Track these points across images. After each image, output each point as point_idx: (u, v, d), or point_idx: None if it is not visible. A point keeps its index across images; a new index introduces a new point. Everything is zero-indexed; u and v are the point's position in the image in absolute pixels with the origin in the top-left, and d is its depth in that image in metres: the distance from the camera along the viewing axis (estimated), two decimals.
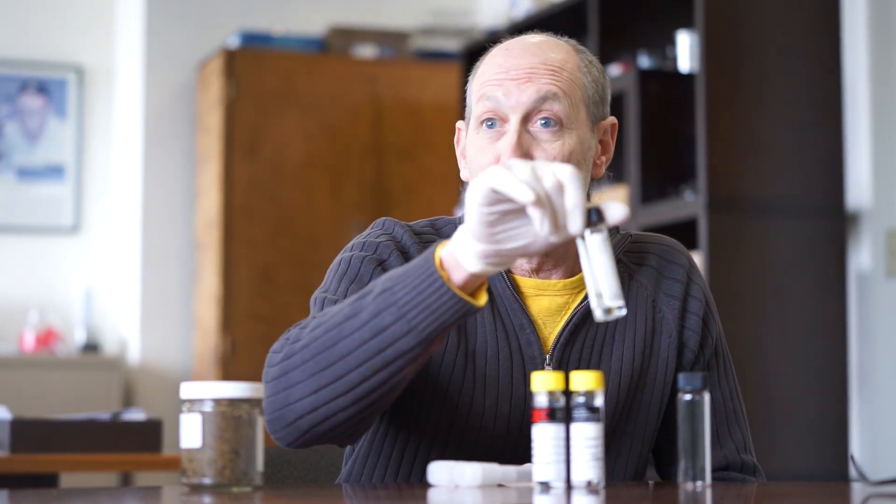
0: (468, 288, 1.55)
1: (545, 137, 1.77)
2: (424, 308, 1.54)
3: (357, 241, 1.83)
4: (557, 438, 1.51)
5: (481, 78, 1.82)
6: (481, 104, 1.79)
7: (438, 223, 1.88)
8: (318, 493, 1.60)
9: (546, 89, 1.77)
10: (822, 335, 4.06)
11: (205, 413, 1.50)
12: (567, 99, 1.78)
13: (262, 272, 5.54)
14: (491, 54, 1.84)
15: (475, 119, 1.81)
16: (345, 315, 1.59)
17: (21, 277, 5.96)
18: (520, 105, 1.77)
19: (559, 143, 1.77)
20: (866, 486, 1.64)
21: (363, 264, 1.78)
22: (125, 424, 3.31)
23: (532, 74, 1.78)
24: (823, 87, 4.15)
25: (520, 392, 1.77)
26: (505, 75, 1.78)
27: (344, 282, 1.78)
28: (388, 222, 1.85)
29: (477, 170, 1.79)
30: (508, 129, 1.77)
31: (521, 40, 1.84)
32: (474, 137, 1.81)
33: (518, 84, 1.77)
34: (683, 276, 1.89)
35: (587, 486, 1.51)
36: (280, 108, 5.67)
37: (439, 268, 1.54)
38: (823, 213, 4.10)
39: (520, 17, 5.13)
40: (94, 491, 1.76)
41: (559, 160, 1.76)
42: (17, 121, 6.01)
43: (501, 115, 1.78)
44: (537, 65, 1.79)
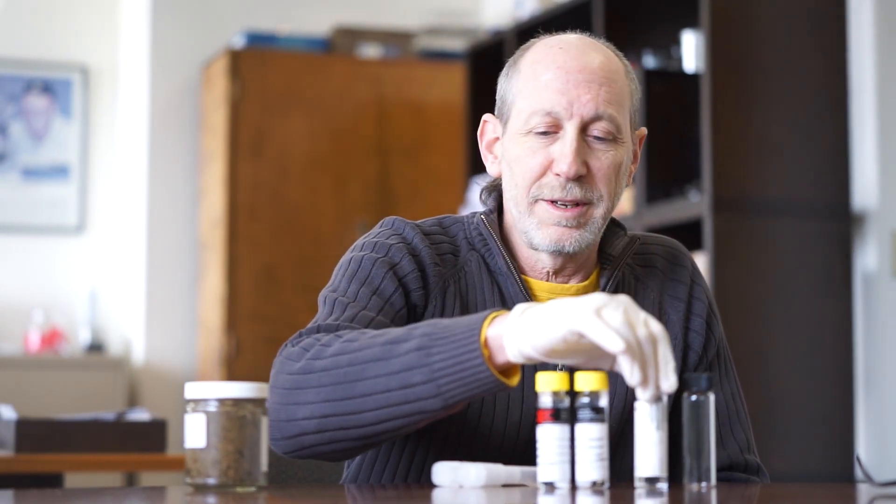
0: (506, 368, 1.54)
1: (600, 148, 1.77)
2: (458, 379, 1.53)
3: (368, 241, 1.81)
4: (562, 439, 1.51)
5: (532, 80, 1.78)
6: (537, 114, 1.76)
7: (446, 222, 1.87)
8: (322, 493, 1.59)
9: (606, 102, 1.76)
10: (827, 336, 4.05)
11: (209, 413, 1.50)
12: (621, 111, 1.78)
13: (266, 272, 5.54)
14: (542, 54, 1.80)
15: (524, 126, 1.78)
16: (374, 355, 1.57)
17: (26, 277, 5.96)
18: (579, 116, 1.75)
19: (612, 153, 1.77)
20: (872, 487, 1.64)
21: (374, 267, 1.76)
22: (130, 424, 3.31)
23: (591, 84, 1.76)
24: (829, 87, 4.14)
25: (531, 397, 1.76)
26: (564, 83, 1.76)
27: (354, 283, 1.75)
28: (397, 222, 1.83)
29: (525, 173, 1.77)
30: (565, 136, 1.76)
31: (571, 43, 1.80)
32: (521, 139, 1.78)
33: (579, 94, 1.75)
34: (687, 278, 1.89)
35: (592, 487, 1.51)
36: (284, 108, 5.67)
37: (483, 346, 1.52)
38: (829, 214, 4.10)
39: (525, 17, 5.12)
40: (99, 491, 1.76)
41: (610, 172, 1.77)
42: (21, 121, 6.02)
43: (558, 123, 1.76)
44: (596, 70, 1.77)
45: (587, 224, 1.78)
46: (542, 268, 1.82)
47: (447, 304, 1.78)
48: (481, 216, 1.84)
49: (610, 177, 1.77)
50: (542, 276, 1.83)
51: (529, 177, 1.77)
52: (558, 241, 1.77)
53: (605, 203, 1.78)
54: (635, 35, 4.63)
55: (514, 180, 1.80)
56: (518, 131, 1.79)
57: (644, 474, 1.52)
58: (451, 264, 1.81)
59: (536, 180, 1.77)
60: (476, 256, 1.82)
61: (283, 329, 5.35)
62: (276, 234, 5.60)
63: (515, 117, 1.80)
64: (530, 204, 1.78)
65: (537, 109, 1.76)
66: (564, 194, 1.76)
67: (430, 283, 1.78)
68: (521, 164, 1.78)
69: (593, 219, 1.78)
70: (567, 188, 1.76)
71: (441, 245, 1.82)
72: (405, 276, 1.76)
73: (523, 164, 1.78)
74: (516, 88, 1.81)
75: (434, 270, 1.79)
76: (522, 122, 1.78)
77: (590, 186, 1.76)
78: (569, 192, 1.76)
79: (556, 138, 1.76)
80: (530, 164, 1.77)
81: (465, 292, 1.80)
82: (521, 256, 1.84)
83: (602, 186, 1.77)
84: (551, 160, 1.76)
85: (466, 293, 1.80)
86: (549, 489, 1.51)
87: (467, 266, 1.81)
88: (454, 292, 1.78)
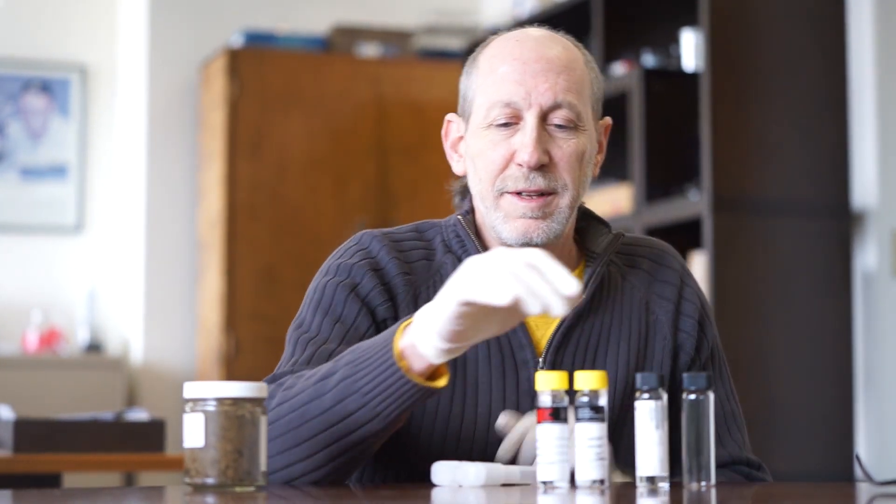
0: (429, 372, 1.56)
1: (562, 136, 1.77)
2: (387, 397, 1.56)
3: (332, 264, 1.83)
4: (561, 438, 1.50)
5: (490, 74, 1.79)
6: (496, 106, 1.77)
7: (422, 227, 1.88)
8: (321, 493, 1.59)
9: (564, 90, 1.76)
10: (827, 335, 4.05)
11: (208, 413, 1.49)
12: (580, 99, 1.78)
13: (265, 271, 5.54)
14: (499, 48, 1.81)
15: (484, 119, 1.79)
16: (310, 396, 1.60)
17: (24, 277, 5.96)
18: (537, 105, 1.76)
19: (574, 141, 1.77)
20: (872, 486, 1.64)
21: (336, 293, 1.78)
22: (128, 424, 3.31)
23: (548, 73, 1.76)
24: (829, 86, 4.14)
25: (513, 397, 1.76)
26: (521, 74, 1.77)
27: (318, 314, 1.78)
28: (364, 237, 1.84)
29: (488, 166, 1.78)
30: (525, 126, 1.76)
31: (527, 35, 1.82)
32: (483, 133, 1.79)
33: (537, 83, 1.76)
34: (676, 279, 1.89)
35: (591, 486, 1.50)
36: (283, 108, 5.67)
37: (398, 358, 1.55)
38: (829, 213, 4.10)
39: (524, 15, 5.12)
40: (98, 491, 1.76)
41: (572, 159, 1.77)
42: (20, 120, 6.01)
43: (517, 114, 1.77)
44: (553, 59, 1.77)
45: (553, 214, 1.78)
46: None
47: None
48: (458, 217, 1.85)
49: (573, 165, 1.77)
50: None
51: (492, 169, 1.78)
52: (525, 233, 1.77)
53: (570, 192, 1.78)
54: (635, 34, 4.62)
55: (478, 175, 1.80)
56: (479, 125, 1.80)
57: (645, 473, 1.52)
58: (423, 270, 1.82)
59: (500, 173, 1.78)
60: (452, 259, 1.82)
61: (282, 328, 5.33)
62: (275, 233, 5.60)
63: (476, 112, 1.80)
64: (496, 198, 1.78)
65: (496, 101, 1.77)
66: (528, 184, 1.76)
67: (397, 294, 1.79)
68: (483, 157, 1.79)
69: (559, 209, 1.78)
70: (530, 178, 1.76)
71: (413, 252, 1.83)
72: (368, 295, 1.78)
73: (486, 158, 1.78)
74: (476, 84, 1.82)
75: (402, 280, 1.79)
76: (483, 115, 1.79)
77: (553, 175, 1.77)
78: (532, 182, 1.76)
79: (516, 129, 1.77)
80: (492, 156, 1.78)
81: None
82: None
83: (566, 175, 1.77)
84: (513, 151, 1.77)
85: None
86: (548, 488, 1.51)
87: (443, 269, 1.81)
88: (427, 298, 1.77)
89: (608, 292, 1.84)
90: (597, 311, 1.82)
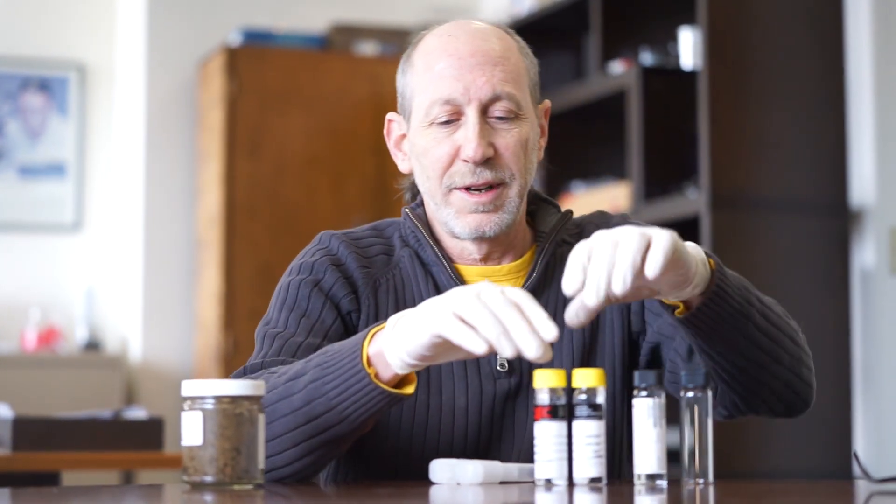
0: (396, 380, 1.57)
1: (504, 127, 1.79)
2: (354, 402, 1.57)
3: (295, 264, 1.86)
4: (559, 436, 1.50)
5: (426, 72, 1.81)
6: (436, 104, 1.78)
7: (381, 225, 1.91)
8: (318, 490, 1.59)
9: (502, 81, 1.78)
10: (825, 333, 4.05)
11: (206, 411, 1.50)
12: (518, 88, 1.79)
13: (263, 270, 5.54)
14: (432, 45, 1.83)
15: (426, 117, 1.80)
16: (279, 395, 1.62)
17: (22, 276, 5.96)
18: (477, 99, 1.77)
19: (516, 130, 1.79)
20: (870, 484, 1.64)
21: (300, 289, 1.82)
22: (127, 423, 3.31)
23: (484, 66, 1.78)
24: (827, 83, 4.14)
25: (475, 383, 1.78)
26: (458, 69, 1.78)
27: (284, 310, 1.82)
28: (324, 236, 1.87)
29: (434, 164, 1.80)
30: (467, 121, 1.78)
31: (460, 29, 1.84)
32: (425, 132, 1.80)
33: (474, 77, 1.77)
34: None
35: (589, 484, 1.51)
36: (281, 106, 5.67)
37: (366, 365, 1.56)
38: (827, 211, 4.10)
39: (522, 13, 5.12)
40: (96, 489, 1.76)
41: (517, 148, 1.78)
42: (18, 119, 6.01)
43: (458, 110, 1.78)
44: (487, 51, 1.79)
45: (504, 206, 1.79)
46: (469, 255, 1.85)
47: (381, 301, 1.82)
48: (406, 211, 1.88)
49: (518, 154, 1.79)
50: (472, 262, 1.85)
51: (439, 167, 1.80)
52: (478, 227, 1.79)
53: (517, 181, 1.80)
54: (633, 32, 4.62)
55: (425, 173, 1.82)
56: (421, 124, 1.81)
57: (643, 471, 1.52)
58: (382, 264, 1.85)
59: (446, 169, 1.79)
60: (409, 252, 1.85)
61: None
62: (273, 232, 5.60)
63: (417, 111, 1.82)
64: (445, 194, 1.80)
65: (436, 99, 1.78)
66: (476, 178, 1.78)
67: (358, 286, 1.82)
68: (428, 156, 1.80)
69: (509, 199, 1.80)
70: (477, 172, 1.78)
71: (371, 248, 1.86)
72: (331, 289, 1.81)
73: (431, 156, 1.80)
74: (413, 82, 1.84)
75: (361, 273, 1.82)
76: (423, 114, 1.80)
77: (500, 166, 1.78)
78: (480, 176, 1.78)
79: (458, 125, 1.78)
80: (437, 154, 1.79)
81: (399, 287, 1.83)
82: (448, 246, 1.86)
83: (512, 165, 1.79)
84: (458, 147, 1.78)
85: (402, 288, 1.83)
86: (546, 486, 1.51)
87: (401, 262, 1.85)
88: (387, 289, 1.82)
89: (559, 271, 1.83)
90: (549, 289, 1.84)
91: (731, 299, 1.65)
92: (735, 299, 1.65)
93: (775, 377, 1.72)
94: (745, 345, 1.68)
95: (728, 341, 1.66)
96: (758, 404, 1.75)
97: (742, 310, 1.66)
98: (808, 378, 1.76)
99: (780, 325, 1.72)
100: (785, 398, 1.74)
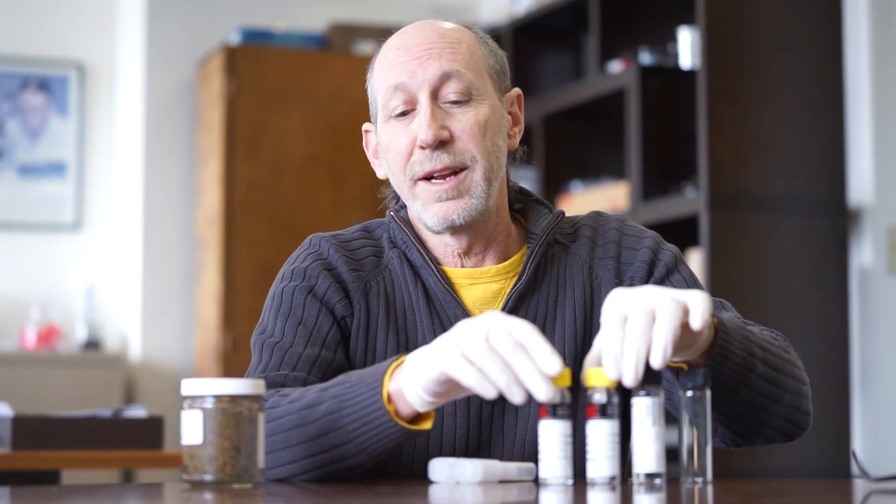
0: (415, 415, 1.57)
1: (458, 110, 1.78)
2: (373, 436, 1.57)
3: (287, 270, 1.85)
4: (562, 435, 1.51)
5: (381, 68, 1.82)
6: (389, 93, 1.79)
7: (371, 226, 1.90)
8: (319, 489, 1.60)
9: (450, 63, 1.78)
10: (823, 332, 4.06)
11: (206, 409, 1.50)
12: (471, 70, 1.79)
13: (263, 269, 5.54)
14: (385, 47, 1.84)
15: (384, 112, 1.81)
16: (292, 422, 1.62)
17: (22, 275, 5.96)
18: (426, 82, 1.77)
19: (472, 112, 1.78)
20: (868, 482, 1.64)
21: (295, 296, 1.81)
22: (126, 421, 3.31)
23: (431, 50, 1.79)
24: (825, 83, 4.14)
25: None
26: (406, 56, 1.79)
27: (280, 318, 1.81)
28: (314, 240, 1.87)
29: (396, 157, 1.80)
30: (419, 108, 1.77)
31: (413, 25, 1.85)
32: (386, 128, 1.81)
33: (421, 62, 1.78)
34: (615, 235, 1.87)
35: (609, 483, 1.50)
36: (281, 105, 5.67)
37: (387, 401, 1.56)
38: (825, 210, 4.10)
39: (521, 13, 5.12)
40: (96, 488, 1.76)
41: (474, 130, 1.77)
42: (18, 118, 6.01)
43: (412, 98, 1.78)
44: (435, 39, 1.80)
45: (469, 190, 1.78)
46: (451, 252, 1.83)
47: (371, 305, 1.81)
48: (391, 213, 1.87)
49: (476, 136, 1.77)
50: (456, 261, 1.84)
51: (400, 159, 1.79)
52: (446, 216, 1.78)
53: (480, 164, 1.78)
54: (631, 31, 4.63)
55: (391, 169, 1.83)
56: (383, 122, 1.82)
57: (642, 470, 1.52)
58: (372, 266, 1.84)
59: (407, 160, 1.79)
60: (397, 253, 1.85)
61: None
62: (272, 231, 5.60)
63: (380, 111, 1.83)
64: (410, 187, 1.80)
65: (387, 87, 1.79)
66: (434, 164, 1.77)
67: (350, 290, 1.81)
68: (390, 150, 1.81)
69: (475, 183, 1.78)
70: (434, 157, 1.77)
71: (362, 250, 1.85)
72: (325, 294, 1.80)
73: (392, 150, 1.80)
74: (374, 83, 1.85)
75: (352, 276, 1.82)
76: (381, 109, 1.81)
77: (457, 150, 1.77)
78: (437, 161, 1.77)
79: (415, 115, 1.78)
80: (397, 146, 1.79)
81: (389, 290, 1.82)
82: (432, 246, 1.85)
83: (471, 146, 1.77)
84: (414, 136, 1.78)
85: (393, 290, 1.82)
86: (548, 485, 1.51)
87: (390, 264, 1.84)
88: (377, 292, 1.82)
89: (551, 272, 1.84)
90: (539, 290, 1.82)
91: (734, 356, 1.62)
92: (737, 355, 1.62)
93: (776, 416, 1.70)
94: (746, 394, 1.65)
95: (729, 394, 1.64)
96: (757, 439, 1.74)
97: (744, 363, 1.63)
98: (807, 407, 1.74)
99: (782, 366, 1.69)
100: (784, 430, 1.73)
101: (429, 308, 1.81)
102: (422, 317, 1.80)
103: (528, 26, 5.01)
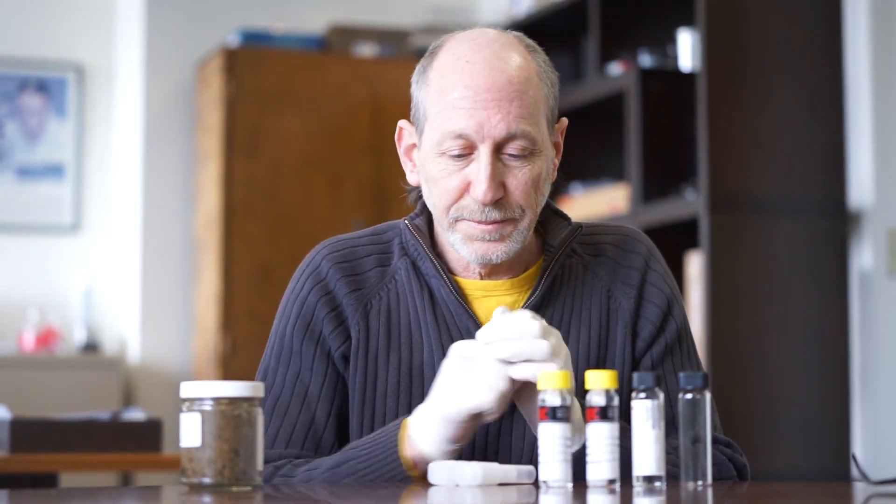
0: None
1: (516, 165, 1.74)
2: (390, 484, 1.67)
3: (290, 296, 1.84)
4: (562, 437, 1.50)
5: (440, 97, 1.74)
6: (448, 137, 1.73)
7: (381, 229, 1.89)
8: (316, 492, 1.59)
9: (517, 122, 1.71)
10: (823, 334, 4.05)
11: (204, 412, 1.49)
12: (534, 124, 1.74)
13: (261, 271, 5.54)
14: (449, 66, 1.75)
15: (438, 147, 1.75)
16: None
17: (21, 277, 5.95)
18: (490, 138, 1.72)
19: (529, 167, 1.74)
20: (868, 485, 1.64)
21: (294, 338, 1.81)
22: (125, 424, 3.30)
23: (500, 102, 1.71)
24: (825, 85, 4.14)
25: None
26: (472, 103, 1.71)
27: (281, 366, 1.81)
28: (317, 255, 1.85)
29: (443, 195, 1.76)
30: (479, 159, 1.73)
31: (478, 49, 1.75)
32: (436, 160, 1.76)
33: (489, 115, 1.71)
34: (641, 263, 1.86)
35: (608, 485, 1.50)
36: (280, 107, 5.67)
37: (410, 468, 1.67)
38: (825, 212, 4.10)
39: (521, 15, 5.12)
40: (94, 491, 1.76)
41: (528, 186, 1.74)
42: (16, 120, 6.01)
43: (471, 145, 1.73)
44: (504, 85, 1.71)
45: (512, 235, 1.76)
46: (472, 269, 1.82)
47: (371, 326, 1.80)
48: (405, 222, 1.85)
49: (529, 192, 1.75)
50: (475, 275, 1.82)
51: (447, 199, 1.76)
52: (485, 255, 1.76)
53: (528, 215, 1.76)
54: (631, 33, 4.62)
55: (432, 199, 1.79)
56: (432, 151, 1.76)
57: (641, 473, 1.52)
58: (377, 279, 1.83)
59: (454, 202, 1.76)
60: (407, 262, 1.83)
61: None
62: (271, 232, 5.60)
63: (428, 135, 1.77)
64: (451, 223, 1.77)
65: (448, 132, 1.73)
66: (483, 217, 1.74)
67: (346, 315, 1.81)
68: (438, 185, 1.76)
69: (518, 230, 1.76)
70: (485, 212, 1.74)
71: (367, 259, 1.84)
72: (321, 329, 1.80)
73: (440, 187, 1.76)
74: (427, 102, 1.77)
75: (351, 298, 1.81)
76: (435, 142, 1.75)
77: (509, 205, 1.74)
78: (488, 216, 1.74)
79: (470, 160, 1.74)
80: (446, 186, 1.75)
81: (393, 305, 1.81)
82: (451, 258, 1.83)
83: (522, 202, 1.75)
84: (468, 182, 1.74)
85: (398, 304, 1.81)
86: (547, 488, 1.51)
87: (397, 275, 1.83)
88: (378, 311, 1.81)
89: (567, 284, 1.83)
90: (555, 303, 1.81)
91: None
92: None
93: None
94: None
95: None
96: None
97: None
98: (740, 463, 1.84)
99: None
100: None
101: (436, 321, 1.79)
102: (429, 330, 1.79)
103: (528, 27, 4.99)
